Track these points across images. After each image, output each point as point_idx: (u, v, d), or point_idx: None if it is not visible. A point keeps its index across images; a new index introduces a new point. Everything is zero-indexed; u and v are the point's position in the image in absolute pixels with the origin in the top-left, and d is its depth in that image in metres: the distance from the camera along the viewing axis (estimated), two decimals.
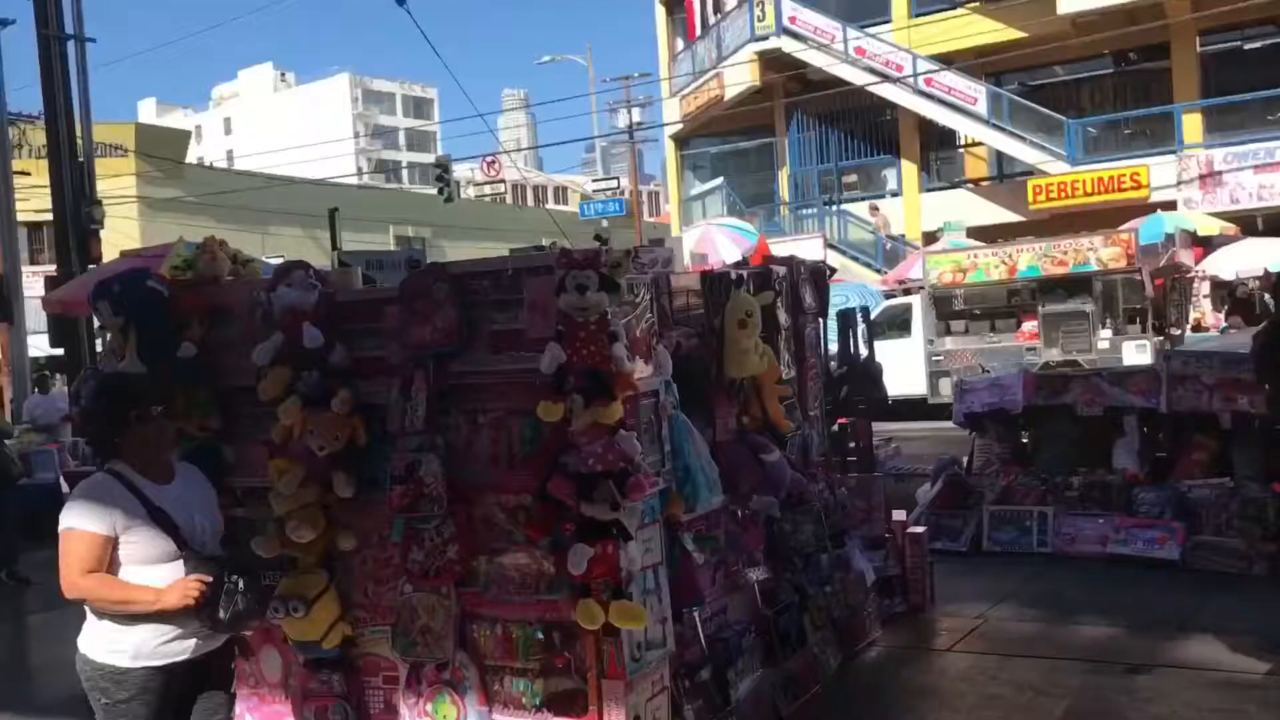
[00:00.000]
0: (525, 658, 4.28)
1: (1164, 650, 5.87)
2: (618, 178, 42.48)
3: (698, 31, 30.04)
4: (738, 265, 8.42)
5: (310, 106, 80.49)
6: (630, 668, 4.12)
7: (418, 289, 4.40)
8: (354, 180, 52.22)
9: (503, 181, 43.95)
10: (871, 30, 25.60)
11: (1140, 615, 6.48)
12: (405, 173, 70.89)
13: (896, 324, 18.54)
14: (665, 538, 4.50)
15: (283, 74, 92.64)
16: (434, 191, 33.84)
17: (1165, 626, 6.25)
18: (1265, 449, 8.10)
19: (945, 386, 16.33)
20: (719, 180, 29.44)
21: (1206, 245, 19.65)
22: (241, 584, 3.64)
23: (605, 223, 33.99)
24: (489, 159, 42.22)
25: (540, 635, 4.25)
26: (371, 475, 4.51)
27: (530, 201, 68.25)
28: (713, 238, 20.98)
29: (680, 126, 30.66)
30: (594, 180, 45.94)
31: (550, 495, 4.05)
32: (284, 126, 73.51)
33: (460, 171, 43.47)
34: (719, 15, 28.77)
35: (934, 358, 17.74)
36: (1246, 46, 23.32)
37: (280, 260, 5.66)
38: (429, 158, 49.45)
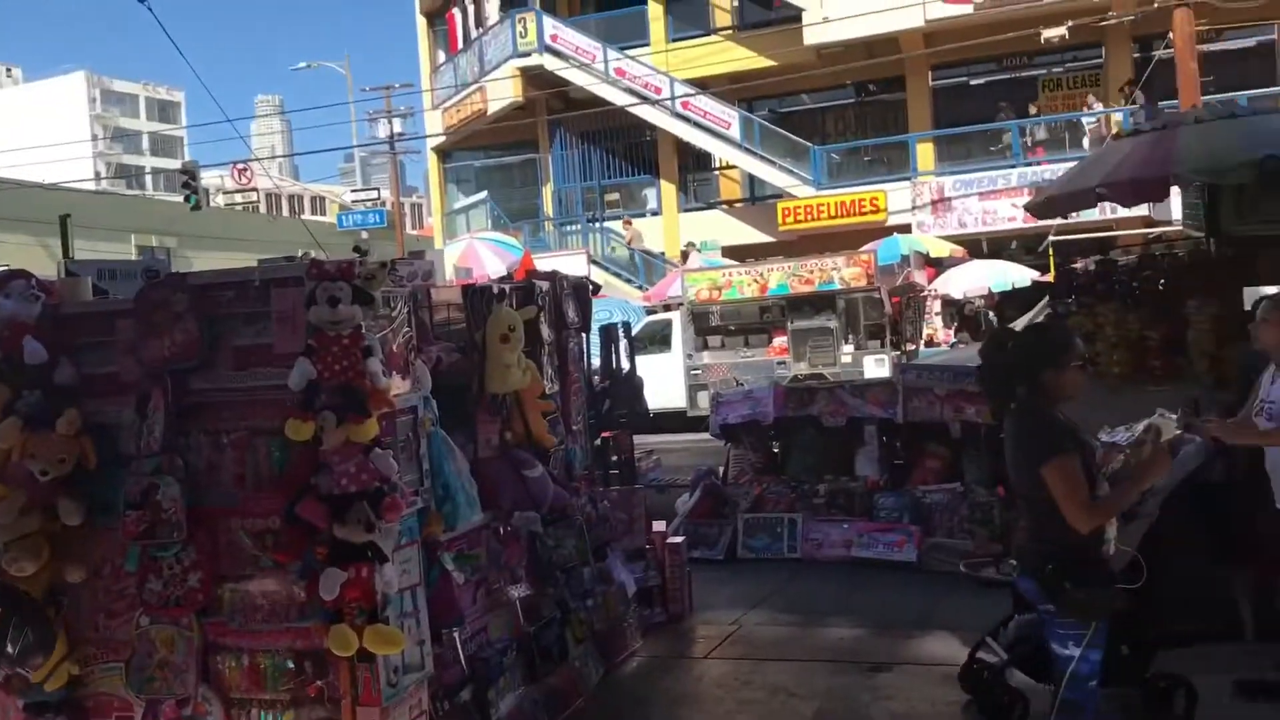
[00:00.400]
0: (275, 688, 4.09)
1: (903, 648, 6.21)
2: (378, 189, 41.54)
3: (460, 44, 29.82)
4: (502, 279, 8.38)
5: (42, 105, 74.81)
6: (386, 694, 4.00)
7: (154, 300, 4.14)
8: (91, 185, 48.80)
9: (255, 190, 42.12)
10: (631, 52, 26.15)
11: (881, 616, 6.84)
12: (149, 179, 66.87)
13: (657, 339, 18.93)
14: (424, 557, 4.40)
15: (8, 69, 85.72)
16: (180, 199, 32.07)
17: (904, 625, 6.61)
18: (991, 456, 8.73)
19: (703, 399, 16.77)
20: (483, 194, 29.28)
21: (938, 266, 21.11)
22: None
23: (365, 234, 33.15)
24: (240, 166, 40.43)
25: (290, 664, 4.07)
26: (104, 501, 4.20)
27: (285, 211, 65.78)
28: (477, 251, 20.82)
29: (443, 139, 30.32)
30: (353, 191, 44.75)
31: (300, 518, 3.89)
32: (10, 126, 68.00)
33: (209, 179, 41.39)
34: (481, 29, 28.68)
35: (693, 372, 18.21)
36: (973, 82, 25.23)
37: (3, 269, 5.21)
38: (175, 163, 46.85)
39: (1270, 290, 9.43)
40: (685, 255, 24.40)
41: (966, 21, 22.49)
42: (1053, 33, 20.45)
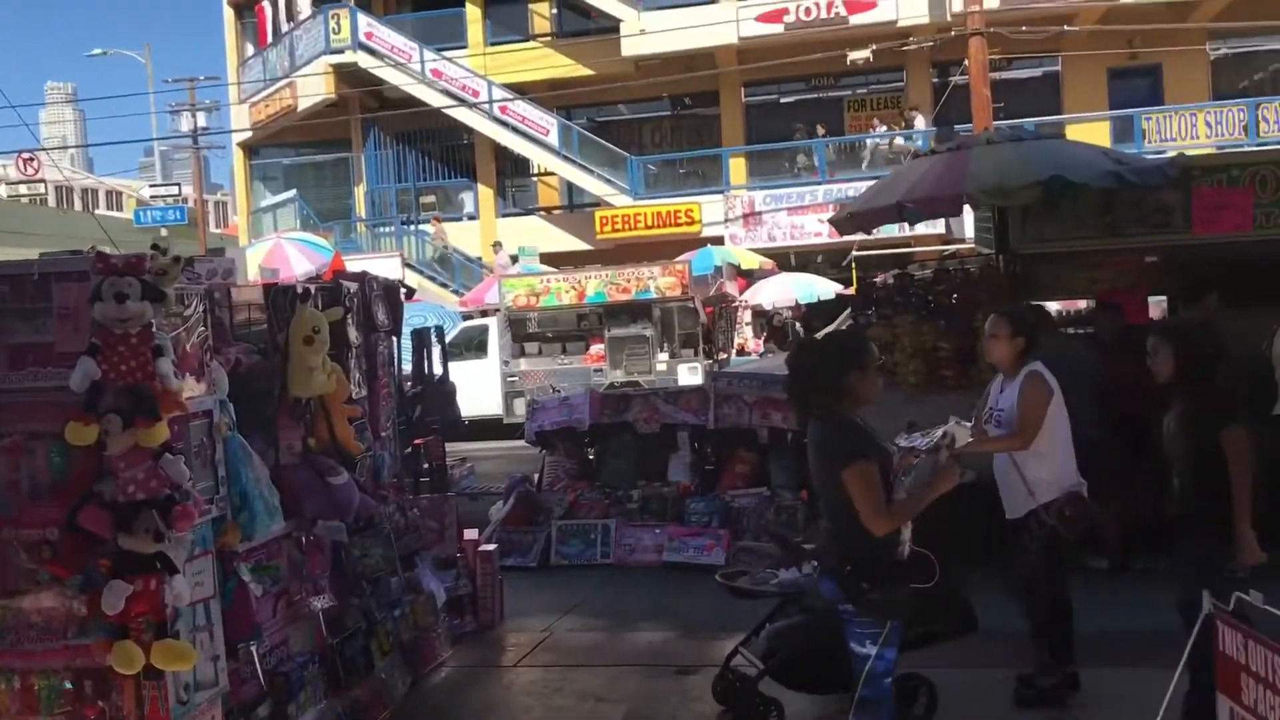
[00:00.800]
0: (50, 711, 3.82)
1: (712, 651, 6.28)
2: (179, 184, 39.66)
3: (269, 38, 28.81)
4: (309, 280, 8.11)
5: None
6: (176, 711, 3.80)
7: None
8: None
9: (43, 181, 39.58)
10: (448, 54, 25.83)
11: (691, 619, 6.93)
12: None
13: (474, 345, 18.73)
14: (219, 568, 4.20)
15: None
16: None
17: (713, 628, 6.70)
18: (796, 461, 8.99)
19: (520, 406, 16.69)
20: (292, 193, 28.33)
21: (749, 277, 21.66)
22: None
23: (165, 231, 31.55)
24: (26, 155, 37.91)
25: (69, 685, 3.81)
26: None
27: (78, 205, 62.05)
28: (284, 252, 20.12)
29: (250, 134, 29.21)
30: (152, 186, 42.57)
31: (81, 527, 3.64)
32: None
33: None
34: (292, 24, 27.79)
35: (509, 378, 18.10)
36: (783, 100, 26.02)
37: None
38: None
39: (1053, 305, 10.09)
40: (495, 249, 24.34)
41: (777, 40, 23.20)
42: (858, 55, 21.31)
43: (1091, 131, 20.05)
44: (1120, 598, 6.87)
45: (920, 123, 23.54)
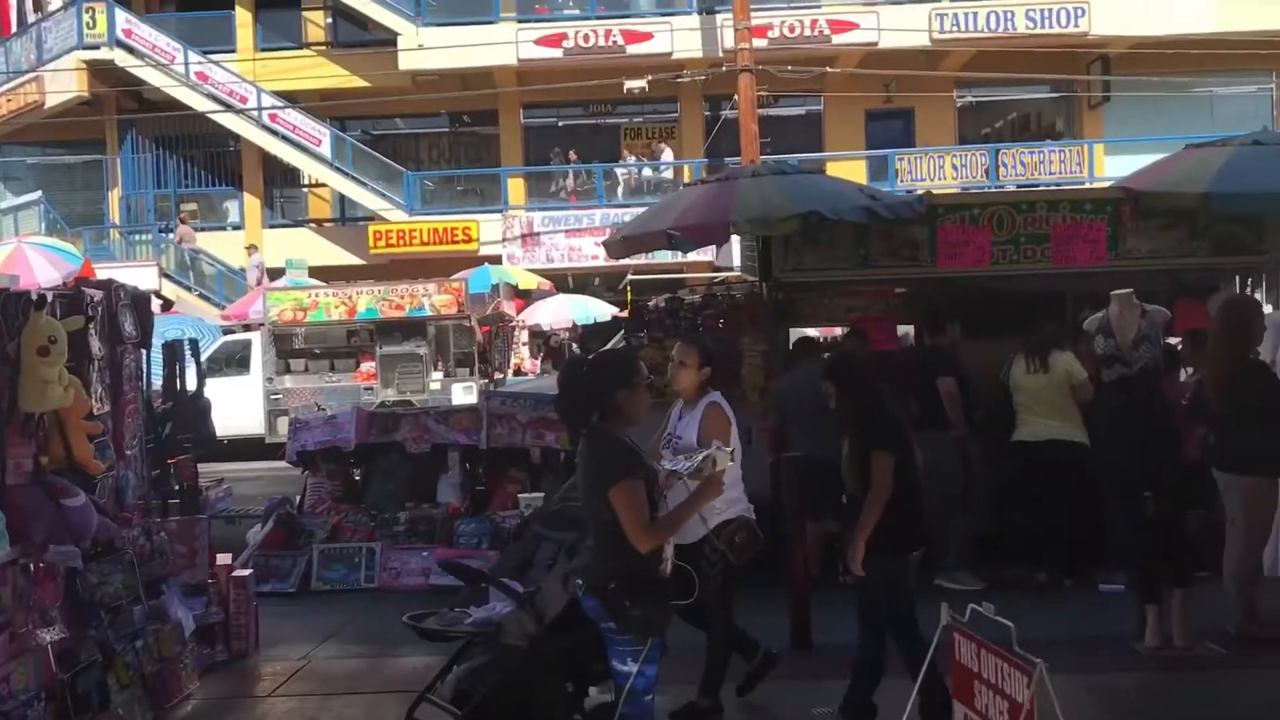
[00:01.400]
0: None
1: None
2: None
3: (14, 27, 26.76)
4: (49, 288, 7.55)
5: None
6: None
7: None
8: None
9: None
10: (215, 57, 24.72)
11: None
12: None
13: (235, 361, 17.93)
14: None
15: None
16: None
17: None
18: (567, 479, 9.03)
19: (284, 425, 16.07)
20: (36, 194, 26.33)
21: (526, 298, 21.68)
22: None
23: None
24: None
25: None
26: None
27: None
28: (26, 257, 18.64)
29: None
30: None
31: None
32: None
33: None
34: (40, 14, 25.93)
35: (273, 396, 17.39)
36: (561, 123, 26.24)
37: None
38: None
39: (811, 331, 10.57)
40: (249, 252, 23.45)
41: (556, 65, 23.40)
42: (634, 84, 21.76)
43: (850, 169, 21.18)
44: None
45: (667, 155, 24.28)
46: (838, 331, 10.86)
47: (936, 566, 7.97)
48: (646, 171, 24.62)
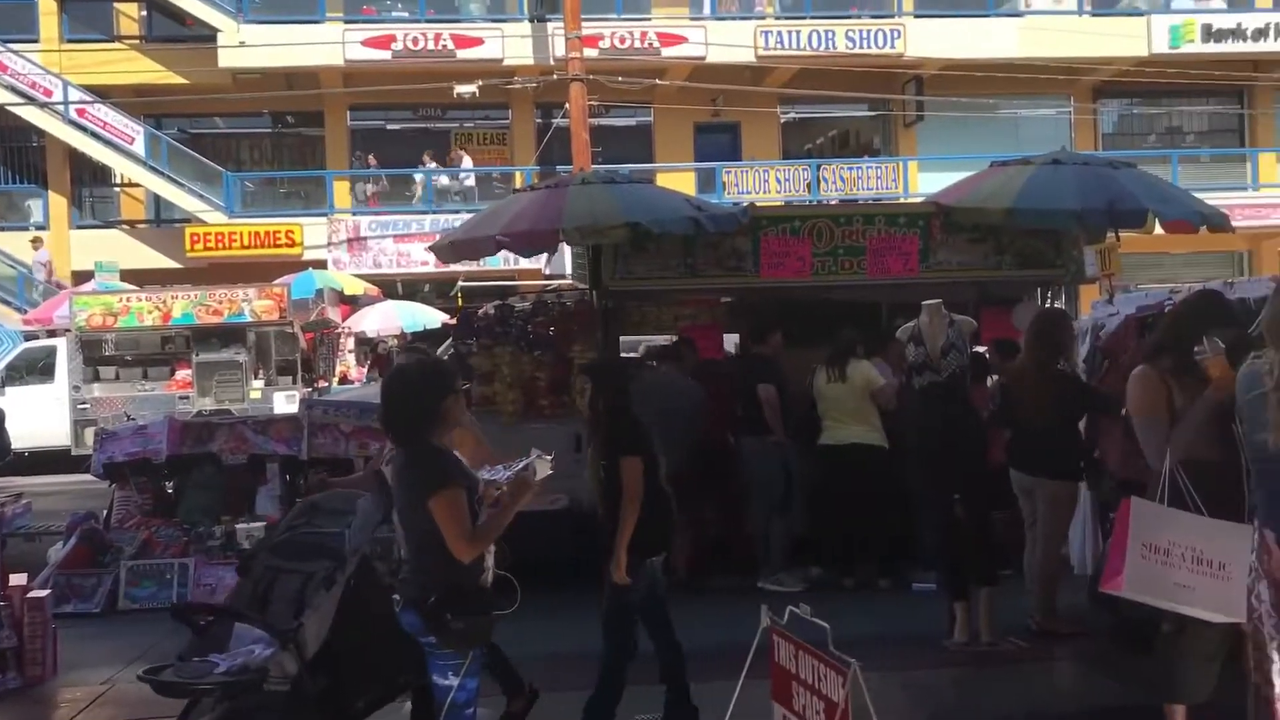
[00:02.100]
0: None
1: None
2: None
3: None
4: None
5: None
6: None
7: None
8: None
9: None
10: (16, 47, 23.26)
11: None
12: None
13: (37, 368, 16.93)
14: None
15: None
16: None
17: None
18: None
19: (91, 437, 15.25)
20: None
21: (353, 304, 21.18)
22: None
23: None
24: None
25: None
26: None
27: None
28: None
29: None
30: None
31: None
32: None
33: None
34: None
35: (80, 406, 16.50)
36: (390, 126, 25.75)
37: None
38: None
39: (643, 339, 10.66)
40: (34, 245, 22.19)
41: (385, 67, 22.96)
42: (465, 89, 21.55)
43: (679, 180, 21.47)
44: (693, 613, 7.32)
45: (467, 162, 24.08)
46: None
47: (759, 570, 8.18)
48: (444, 179, 24.33)
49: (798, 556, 8.28)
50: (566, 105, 19.08)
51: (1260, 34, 22.76)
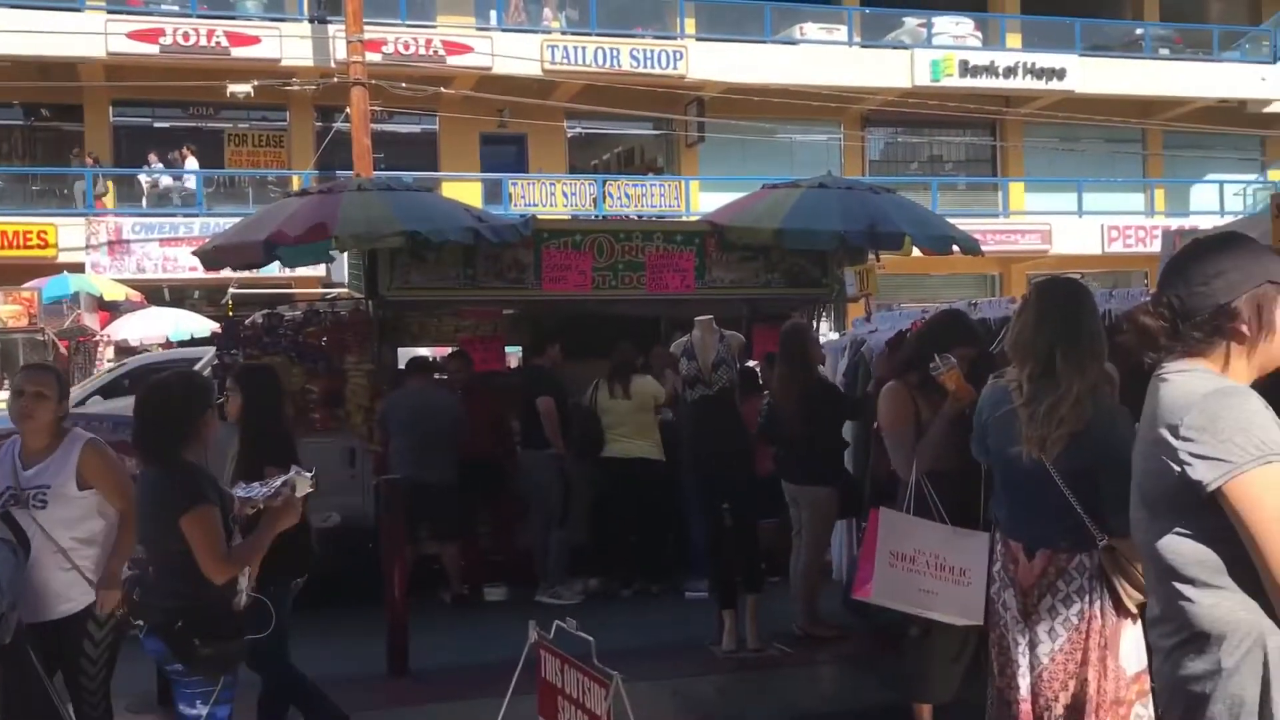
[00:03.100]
0: None
1: None
2: None
3: None
4: None
5: None
6: None
7: None
8: None
9: None
10: None
11: None
12: None
13: None
14: None
15: None
16: None
17: None
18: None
19: None
20: None
21: (113, 310, 19.91)
22: None
23: None
24: None
25: None
26: None
27: None
28: None
29: None
30: None
31: None
32: None
33: None
34: None
35: None
36: (157, 124, 24.41)
37: None
38: None
39: (423, 351, 10.48)
40: None
41: (152, 61, 21.73)
42: (239, 89, 20.68)
43: (465, 190, 21.28)
44: (468, 629, 7.26)
45: (192, 163, 23.07)
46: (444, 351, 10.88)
47: (538, 583, 8.17)
48: (166, 180, 23.27)
49: (576, 568, 8.32)
50: (347, 109, 18.57)
51: (1010, 71, 24.52)
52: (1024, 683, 3.48)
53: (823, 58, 23.97)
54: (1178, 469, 2.19)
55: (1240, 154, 28.23)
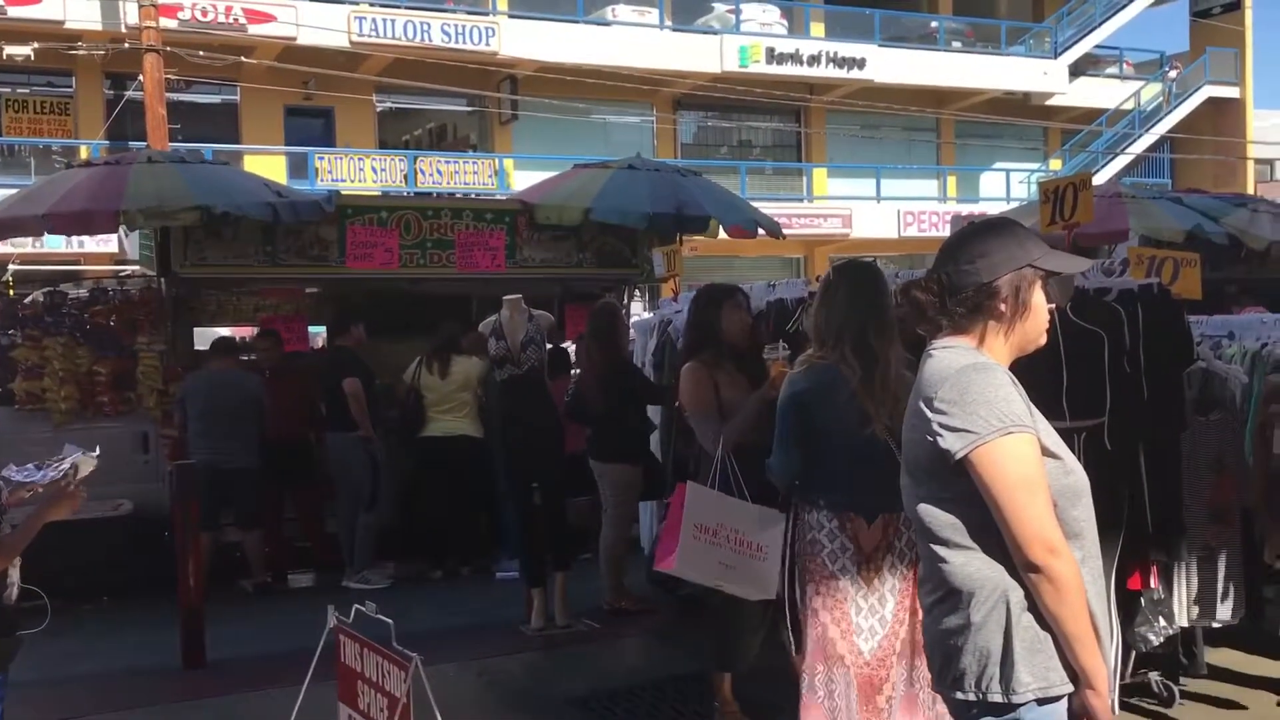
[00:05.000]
0: None
1: None
2: None
3: None
4: None
5: None
6: None
7: None
8: None
9: None
10: None
11: None
12: None
13: None
14: None
15: None
16: None
17: None
18: None
19: None
20: None
21: None
22: None
23: None
24: None
25: None
26: None
27: None
28: None
29: None
30: None
31: None
32: None
33: None
34: None
35: None
36: None
37: None
38: None
39: (223, 331, 10.07)
40: None
41: None
42: (17, 51, 19.32)
43: (269, 164, 20.49)
44: (270, 618, 7.06)
45: None
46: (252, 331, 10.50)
47: (345, 568, 8.02)
48: None
49: (385, 552, 8.20)
50: (140, 77, 17.59)
51: (814, 60, 25.27)
52: (867, 645, 3.63)
53: (635, 40, 24.13)
54: (931, 439, 2.35)
55: (1025, 144, 29.96)
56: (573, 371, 8.08)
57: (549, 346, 7.13)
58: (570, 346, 8.60)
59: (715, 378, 4.71)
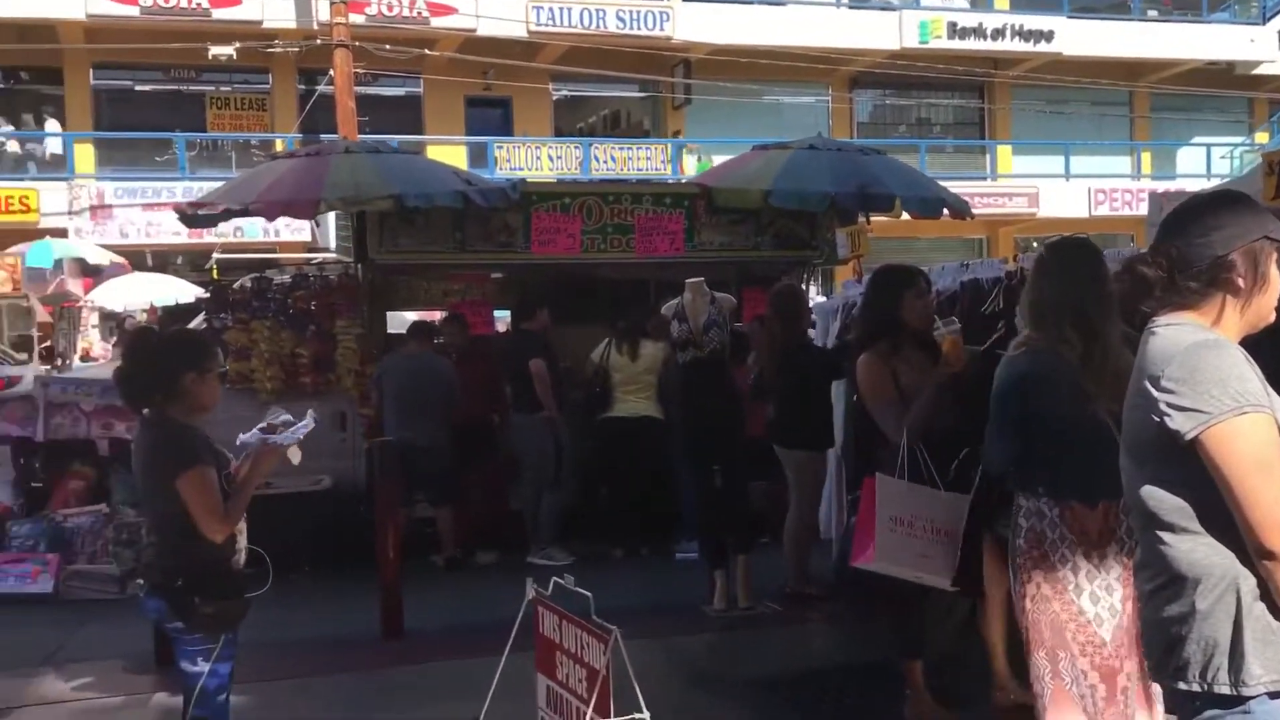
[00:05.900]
0: None
1: (29, 689, 5.63)
2: None
3: None
4: None
5: None
6: None
7: None
8: None
9: None
10: None
11: (8, 655, 6.15)
12: None
13: None
14: None
15: None
16: None
17: (33, 663, 6.02)
18: None
19: None
20: None
21: (96, 276, 19.78)
22: None
23: None
24: None
25: None
26: None
27: None
28: None
29: None
30: None
31: None
32: None
33: None
34: None
35: None
36: (139, 87, 24.16)
37: None
38: None
39: (414, 315, 10.46)
40: None
41: (132, 24, 21.45)
42: (221, 51, 20.45)
43: (450, 154, 21.15)
44: (461, 591, 7.31)
45: (53, 125, 22.52)
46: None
47: (529, 546, 8.23)
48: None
49: (568, 531, 8.37)
50: (331, 72, 18.39)
51: (999, 34, 24.40)
52: (1104, 633, 3.48)
53: (810, 19, 23.79)
54: (1158, 419, 2.25)
55: (1227, 116, 28.19)
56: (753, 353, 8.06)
57: (731, 329, 7.12)
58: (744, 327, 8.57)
59: (892, 365, 4.60)
